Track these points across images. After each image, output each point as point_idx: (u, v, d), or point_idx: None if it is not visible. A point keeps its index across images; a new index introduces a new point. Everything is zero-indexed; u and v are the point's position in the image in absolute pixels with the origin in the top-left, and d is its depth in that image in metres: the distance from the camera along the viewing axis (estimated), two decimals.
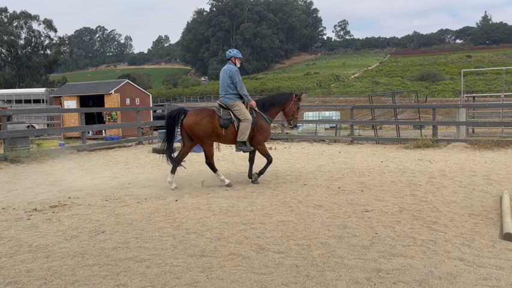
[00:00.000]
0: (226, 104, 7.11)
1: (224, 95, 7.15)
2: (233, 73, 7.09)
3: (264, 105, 7.38)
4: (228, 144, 7.67)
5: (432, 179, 7.44)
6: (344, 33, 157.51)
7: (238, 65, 7.34)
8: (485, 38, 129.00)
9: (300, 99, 7.64)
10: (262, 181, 7.50)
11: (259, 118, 7.23)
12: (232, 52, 7.40)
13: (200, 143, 7.11)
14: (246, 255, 3.93)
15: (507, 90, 41.03)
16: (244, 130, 7.00)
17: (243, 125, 6.99)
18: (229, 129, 7.03)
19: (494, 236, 4.31)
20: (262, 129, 7.26)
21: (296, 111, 7.51)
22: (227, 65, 7.33)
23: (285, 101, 7.47)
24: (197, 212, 5.47)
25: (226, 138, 7.13)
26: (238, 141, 7.06)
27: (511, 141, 11.68)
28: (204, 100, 73.60)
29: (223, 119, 7.00)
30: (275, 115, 7.61)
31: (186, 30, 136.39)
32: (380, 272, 3.47)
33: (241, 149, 7.14)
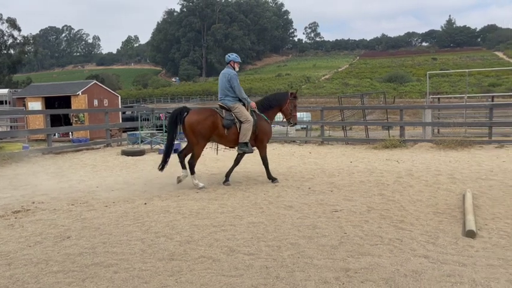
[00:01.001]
0: (228, 106, 7.19)
1: (224, 98, 7.24)
2: (232, 77, 7.18)
3: (262, 107, 7.49)
4: (227, 146, 7.68)
5: (400, 178, 7.61)
6: (315, 35, 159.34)
7: (237, 68, 7.45)
8: (450, 41, 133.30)
9: (296, 97, 7.76)
10: (233, 183, 7.49)
11: (259, 119, 7.33)
12: (232, 56, 7.49)
13: (194, 142, 7.06)
14: (216, 257, 3.91)
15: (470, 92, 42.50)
16: (245, 131, 7.09)
17: (244, 127, 7.08)
18: (231, 130, 7.10)
19: (457, 233, 4.45)
20: (264, 130, 7.41)
21: (293, 110, 7.65)
22: (226, 68, 7.40)
23: (281, 101, 7.62)
24: (167, 215, 5.40)
25: (228, 138, 7.17)
26: (240, 142, 7.14)
27: (473, 141, 12.10)
28: (175, 101, 72.80)
29: (227, 119, 7.07)
30: (274, 115, 7.76)
31: (156, 31, 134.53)
32: (349, 271, 3.52)
33: (243, 150, 7.25)
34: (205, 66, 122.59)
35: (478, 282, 3.23)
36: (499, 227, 4.60)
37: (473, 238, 4.24)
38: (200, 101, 70.92)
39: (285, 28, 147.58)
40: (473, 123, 16.49)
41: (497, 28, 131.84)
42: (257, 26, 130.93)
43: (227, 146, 7.68)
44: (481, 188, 6.64)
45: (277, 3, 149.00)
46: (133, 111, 22.68)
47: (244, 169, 9.09)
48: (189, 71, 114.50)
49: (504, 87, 57.49)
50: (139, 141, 12.92)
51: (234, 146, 7.45)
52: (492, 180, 7.17)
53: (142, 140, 13.00)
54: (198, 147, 7.08)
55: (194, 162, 7.14)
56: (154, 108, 18.44)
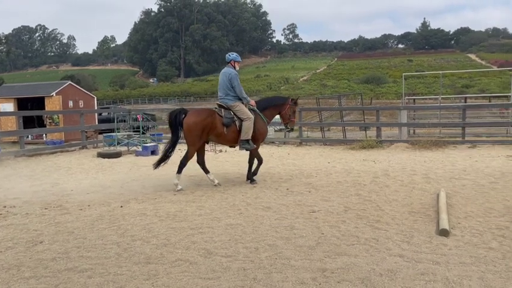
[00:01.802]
0: (227, 105, 7.25)
1: (224, 97, 7.29)
2: (232, 76, 7.25)
3: (262, 107, 7.59)
4: (226, 144, 7.75)
5: (376, 178, 7.72)
6: (293, 36, 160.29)
7: (237, 68, 7.52)
8: (425, 43, 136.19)
9: (296, 103, 7.89)
10: (212, 184, 7.45)
11: (257, 118, 7.41)
12: (232, 55, 7.56)
13: (190, 143, 7.08)
14: (193, 260, 3.87)
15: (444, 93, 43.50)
16: (247, 129, 7.16)
17: (245, 124, 7.15)
18: (231, 128, 7.16)
19: (431, 232, 4.53)
20: (260, 130, 7.46)
21: (292, 115, 7.80)
22: (226, 68, 7.46)
23: (281, 104, 7.75)
24: (143, 218, 5.33)
25: (227, 137, 7.23)
26: (242, 139, 7.21)
27: (447, 141, 12.38)
28: (152, 102, 72.07)
29: (226, 117, 7.13)
30: (272, 117, 7.84)
31: (133, 31, 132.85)
32: (325, 271, 3.54)
33: (244, 147, 7.30)
34: (183, 67, 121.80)
35: (451, 280, 3.30)
36: (471, 225, 4.71)
37: (446, 237, 4.33)
38: (178, 102, 70.34)
39: (263, 29, 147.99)
40: (447, 123, 16.89)
41: (470, 31, 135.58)
42: (236, 27, 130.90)
43: (226, 144, 7.76)
44: (455, 187, 6.79)
45: (256, 5, 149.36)
46: (110, 113, 22.33)
47: (224, 170, 9.07)
48: (167, 72, 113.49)
49: (476, 88, 59.12)
50: (116, 143, 12.72)
51: (233, 145, 7.56)
52: (465, 180, 7.34)
53: (119, 142, 12.80)
54: (192, 148, 7.11)
55: (185, 162, 7.12)
56: (131, 110, 18.20)
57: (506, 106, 18.43)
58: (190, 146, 7.11)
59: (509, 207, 5.46)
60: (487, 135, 15.23)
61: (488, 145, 11.96)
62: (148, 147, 12.05)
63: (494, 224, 4.74)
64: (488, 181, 7.17)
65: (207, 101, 68.37)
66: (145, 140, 13.04)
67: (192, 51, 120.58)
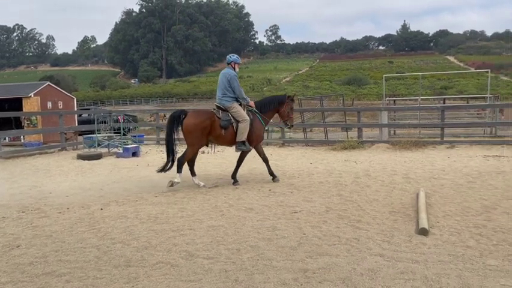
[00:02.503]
0: (224, 106, 7.33)
1: (222, 97, 7.37)
2: (232, 78, 7.34)
3: (261, 108, 7.70)
4: (226, 145, 7.88)
5: (357, 179, 7.79)
6: (275, 37, 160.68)
7: (237, 69, 7.63)
8: (405, 45, 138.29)
9: (293, 100, 8.09)
10: (194, 186, 7.41)
11: (254, 120, 7.50)
12: (233, 57, 7.68)
13: (190, 143, 7.19)
14: (174, 263, 3.84)
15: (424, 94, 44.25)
16: (243, 130, 7.26)
17: (241, 126, 7.25)
18: (228, 130, 7.26)
19: (411, 231, 4.60)
20: (256, 131, 7.53)
21: (290, 112, 7.95)
22: (226, 69, 7.55)
23: (279, 103, 7.86)
24: (124, 221, 5.26)
25: (225, 138, 7.33)
26: (238, 141, 7.31)
27: (427, 142, 12.59)
28: (134, 103, 71.28)
29: (223, 120, 7.22)
30: (271, 117, 7.99)
31: (114, 31, 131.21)
32: (307, 272, 3.55)
33: (240, 149, 7.40)
34: (165, 68, 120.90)
35: (430, 278, 3.35)
36: (449, 224, 4.80)
37: (425, 236, 4.39)
38: (160, 103, 69.78)
39: (246, 30, 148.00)
40: (426, 124, 17.18)
41: (448, 33, 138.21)
42: (218, 27, 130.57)
43: (224, 145, 7.89)
44: (434, 187, 6.90)
45: (238, 6, 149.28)
46: (90, 114, 21.99)
47: (205, 172, 9.02)
48: (149, 73, 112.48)
49: (455, 89, 60.30)
50: (96, 144, 12.54)
51: (231, 146, 7.65)
52: (444, 180, 7.48)
53: (99, 144, 12.62)
54: (192, 148, 7.22)
55: (183, 161, 7.20)
56: (111, 111, 17.96)
57: (483, 107, 18.85)
58: (189, 146, 7.22)
59: (486, 206, 5.58)
60: (465, 135, 15.55)
61: (466, 145, 12.20)
62: (129, 148, 11.92)
63: (471, 223, 4.83)
64: (466, 180, 7.31)
65: (189, 102, 68.00)
66: (126, 142, 12.88)
67: (174, 52, 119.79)
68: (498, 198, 5.97)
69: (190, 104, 65.90)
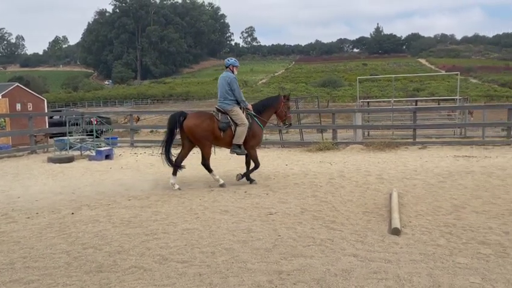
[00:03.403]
0: (225, 109, 7.42)
1: (223, 101, 7.46)
2: (231, 81, 7.44)
3: (259, 110, 7.79)
4: (224, 147, 7.94)
5: (332, 180, 7.86)
6: (251, 39, 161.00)
7: (235, 72, 7.73)
8: (378, 48, 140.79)
9: (289, 99, 8.19)
10: (169, 188, 7.32)
11: (253, 124, 7.59)
12: (231, 61, 7.79)
13: (199, 144, 7.37)
14: (147, 267, 3.78)
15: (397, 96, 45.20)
16: (240, 134, 7.36)
17: (239, 129, 7.35)
18: (227, 132, 7.37)
19: (384, 231, 4.66)
20: (255, 134, 7.63)
21: (287, 111, 8.04)
22: (225, 72, 7.65)
23: (276, 104, 7.95)
24: (96, 225, 5.14)
25: (224, 140, 7.45)
26: (233, 144, 7.41)
27: (400, 143, 12.84)
28: (107, 105, 70.00)
29: (222, 122, 7.33)
30: (269, 118, 8.07)
31: (87, 31, 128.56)
32: (282, 273, 3.55)
33: (235, 152, 7.52)
34: (140, 69, 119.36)
35: (402, 277, 3.41)
36: (421, 224, 4.89)
37: (398, 235, 4.47)
38: (135, 105, 68.78)
39: (222, 32, 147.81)
40: (399, 125, 17.53)
41: (420, 37, 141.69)
42: (193, 29, 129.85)
43: (223, 147, 7.97)
44: (406, 187, 7.03)
45: (214, 7, 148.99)
46: (61, 116, 21.46)
47: (181, 174, 8.92)
48: (123, 74, 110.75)
49: (427, 91, 61.73)
50: (68, 147, 12.24)
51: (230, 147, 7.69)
52: (416, 180, 7.63)
53: (71, 146, 12.33)
54: (204, 148, 7.38)
55: (207, 162, 7.43)
56: (84, 112, 17.58)
57: (453, 109, 19.38)
58: (201, 147, 7.40)
59: (456, 205, 5.72)
60: (436, 136, 15.95)
61: (437, 146, 12.51)
62: (102, 151, 11.68)
63: (442, 222, 4.94)
64: (437, 180, 7.48)
65: (164, 104, 67.30)
66: (99, 144, 12.63)
67: (149, 53, 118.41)
68: (467, 198, 6.13)
69: (165, 105, 65.22)
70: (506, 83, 68.84)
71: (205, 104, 62.21)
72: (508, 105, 14.76)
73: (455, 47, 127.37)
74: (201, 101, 67.73)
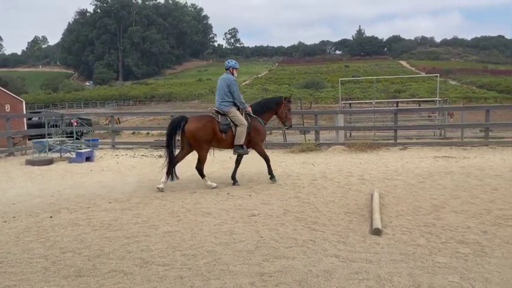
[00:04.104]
0: (223, 111, 7.47)
1: (220, 102, 7.51)
2: (231, 83, 7.52)
3: (259, 110, 7.87)
4: (225, 149, 8.07)
5: (315, 181, 7.90)
6: (234, 41, 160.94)
7: (235, 74, 7.79)
8: (360, 50, 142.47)
9: (290, 101, 8.27)
10: (150, 191, 7.25)
11: (254, 121, 7.67)
12: (231, 63, 7.85)
13: (198, 148, 7.41)
14: (127, 271, 3.72)
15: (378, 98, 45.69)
16: (240, 134, 7.43)
17: (239, 130, 7.43)
18: (228, 133, 7.45)
19: (365, 231, 4.70)
20: (258, 131, 7.72)
21: (288, 113, 8.12)
22: (225, 74, 7.70)
23: (276, 105, 8.04)
24: (75, 229, 5.05)
25: (226, 142, 7.53)
26: (235, 144, 7.49)
27: (381, 144, 12.99)
28: (88, 106, 69.01)
29: (223, 124, 7.40)
30: (269, 118, 8.17)
31: (67, 31, 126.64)
32: (264, 275, 3.54)
33: (238, 152, 7.60)
34: (121, 70, 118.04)
35: (382, 278, 3.43)
36: (401, 224, 4.94)
37: (379, 235, 4.51)
38: (117, 106, 67.95)
39: (205, 33, 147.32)
40: (380, 127, 17.73)
41: (401, 39, 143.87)
42: (176, 30, 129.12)
43: (225, 148, 8.07)
44: (387, 187, 7.11)
45: (197, 8, 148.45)
46: (41, 117, 21.06)
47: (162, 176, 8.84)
48: (104, 75, 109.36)
49: (408, 93, 62.71)
50: (47, 149, 12.01)
51: (232, 148, 7.77)
52: (397, 180, 7.72)
53: (50, 148, 12.09)
54: (202, 151, 7.43)
55: (202, 166, 7.48)
56: (63, 114, 17.27)
57: (433, 110, 19.72)
58: (199, 151, 7.42)
59: (435, 205, 5.81)
60: (416, 137, 16.19)
61: (418, 147, 12.70)
62: (82, 153, 11.50)
63: (422, 222, 5.01)
64: (418, 181, 7.59)
65: (146, 105, 66.71)
66: (79, 146, 12.43)
67: (131, 54, 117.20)
68: (446, 198, 6.23)
69: (147, 106, 64.67)
70: (484, 85, 70.41)
71: (188, 105, 61.98)
72: (486, 107, 15.09)
73: (435, 50, 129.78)
74: (184, 102, 67.40)
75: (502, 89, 65.02)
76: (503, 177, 7.73)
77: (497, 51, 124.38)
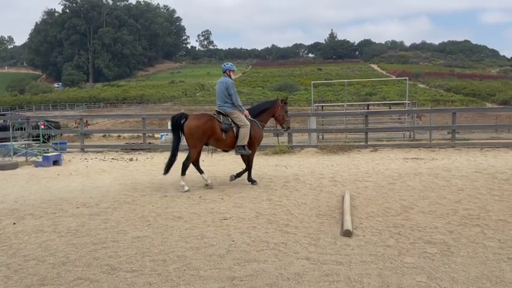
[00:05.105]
0: (226, 112, 7.55)
1: (223, 104, 7.58)
2: (229, 85, 7.56)
3: (256, 113, 7.93)
4: (224, 149, 7.99)
5: (287, 183, 7.92)
6: (208, 43, 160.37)
7: (233, 76, 7.85)
8: (332, 53, 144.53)
9: (287, 103, 8.36)
10: (120, 195, 7.09)
11: (252, 125, 7.72)
12: (227, 65, 7.88)
13: (192, 146, 7.35)
14: (94, 278, 3.61)
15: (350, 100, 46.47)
16: (244, 135, 7.50)
17: (243, 131, 7.49)
18: (229, 133, 7.50)
19: (336, 233, 4.73)
20: (256, 135, 7.78)
21: (285, 115, 8.20)
22: (223, 77, 7.76)
23: (273, 107, 8.08)
24: (39, 235, 4.87)
25: (225, 142, 7.56)
26: (238, 145, 7.55)
27: (352, 146, 13.17)
28: (57, 108, 67.19)
29: (225, 123, 7.45)
30: (266, 121, 8.21)
31: (35, 32, 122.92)
32: (234, 279, 3.50)
33: (241, 152, 7.64)
34: (92, 72, 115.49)
35: (352, 279, 3.45)
36: (371, 225, 5.00)
37: (349, 237, 4.54)
38: (87, 108, 66.43)
39: (177, 35, 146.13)
40: (352, 129, 17.98)
41: (371, 43, 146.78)
42: (148, 31, 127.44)
43: (223, 149, 8.07)
44: (358, 189, 7.20)
45: (169, 9, 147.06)
46: (5, 120, 20.31)
47: (133, 180, 8.69)
48: (74, 76, 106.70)
49: (378, 96, 63.95)
50: (11, 153, 11.59)
51: (230, 149, 7.94)
52: (367, 182, 7.83)
53: (15, 152, 11.68)
54: (194, 150, 7.39)
55: (188, 163, 7.40)
56: (29, 117, 16.73)
57: (402, 112, 20.15)
58: (191, 148, 7.38)
59: (404, 206, 5.91)
60: (387, 139, 16.50)
61: (388, 149, 12.94)
62: (49, 157, 11.15)
63: (391, 223, 5.08)
64: (388, 182, 7.72)
65: (117, 107, 65.49)
66: (46, 150, 12.05)
67: (102, 55, 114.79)
68: (415, 198, 6.36)
69: (119, 109, 63.50)
70: (451, 88, 72.61)
71: (160, 108, 61.20)
72: (453, 110, 15.54)
73: (405, 53, 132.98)
74: (156, 105, 66.53)
75: (467, 92, 67.24)
76: (468, 178, 7.96)
77: (463, 56, 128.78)
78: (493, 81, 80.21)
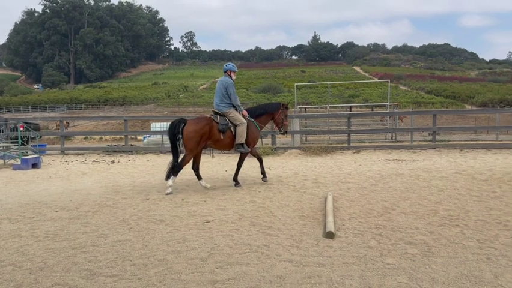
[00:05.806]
0: (222, 112, 7.62)
1: (219, 104, 7.67)
2: (228, 85, 7.65)
3: (255, 114, 8.01)
4: (223, 149, 8.11)
5: (270, 185, 7.91)
6: (191, 44, 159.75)
7: (233, 77, 7.92)
8: (316, 55, 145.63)
9: (288, 107, 8.44)
10: (100, 198, 6.97)
11: (250, 125, 7.79)
12: (228, 66, 7.98)
13: (189, 149, 7.37)
14: (72, 284, 3.53)
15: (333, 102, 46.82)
16: (241, 133, 7.57)
17: (239, 129, 7.56)
18: (227, 133, 7.57)
19: (318, 235, 4.73)
20: (252, 135, 7.82)
21: (285, 119, 8.27)
22: (223, 77, 7.86)
23: (273, 110, 8.19)
24: (17, 240, 4.75)
25: (224, 142, 7.63)
26: (236, 143, 7.63)
27: (335, 147, 13.26)
28: (37, 110, 65.94)
29: (222, 124, 7.52)
30: (265, 123, 8.36)
31: (14, 32, 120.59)
32: (216, 283, 3.47)
33: (239, 151, 7.74)
34: (73, 73, 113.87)
35: (334, 281, 3.46)
36: (354, 226, 5.03)
37: (332, 239, 4.55)
38: (68, 110, 65.37)
39: (161, 36, 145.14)
40: (335, 131, 18.11)
41: (354, 45, 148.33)
42: (131, 32, 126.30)
43: (222, 149, 8.19)
44: (341, 190, 7.23)
45: (152, 11, 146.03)
46: None
47: (115, 183, 8.57)
48: (54, 77, 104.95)
49: (361, 98, 64.59)
50: None
51: (229, 149, 7.99)
52: (350, 183, 7.88)
53: None
54: (190, 154, 7.42)
55: (182, 165, 7.44)
56: (8, 118, 16.37)
57: (384, 114, 20.39)
58: (188, 152, 7.41)
59: (386, 207, 5.96)
60: (369, 140, 16.67)
61: (370, 150, 13.06)
62: (28, 159, 10.92)
63: (373, 224, 5.12)
64: (370, 184, 7.78)
65: (99, 109, 64.62)
66: (25, 152, 11.80)
67: (83, 56, 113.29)
68: (397, 199, 6.42)
69: (101, 110, 62.66)
70: (431, 90, 73.81)
71: (143, 109, 60.65)
72: (433, 112, 15.80)
73: (387, 56, 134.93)
74: (139, 106, 65.91)
75: (448, 95, 68.45)
76: (448, 178, 8.08)
77: (443, 59, 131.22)
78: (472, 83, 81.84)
